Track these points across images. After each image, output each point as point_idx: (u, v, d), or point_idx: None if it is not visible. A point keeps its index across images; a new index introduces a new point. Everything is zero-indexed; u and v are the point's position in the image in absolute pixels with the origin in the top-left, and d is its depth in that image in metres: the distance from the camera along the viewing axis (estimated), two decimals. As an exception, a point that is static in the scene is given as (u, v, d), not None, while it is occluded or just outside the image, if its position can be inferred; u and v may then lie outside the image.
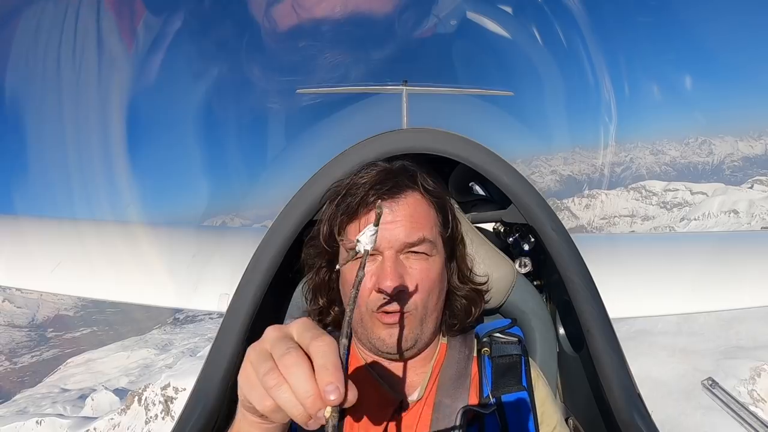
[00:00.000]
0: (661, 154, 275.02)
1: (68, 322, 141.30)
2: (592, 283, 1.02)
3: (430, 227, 0.90)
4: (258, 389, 0.52)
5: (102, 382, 65.16)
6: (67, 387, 64.59)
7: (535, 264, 1.24)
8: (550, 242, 1.06)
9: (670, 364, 6.86)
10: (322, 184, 1.07)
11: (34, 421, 46.01)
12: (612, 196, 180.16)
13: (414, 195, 0.90)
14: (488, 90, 8.35)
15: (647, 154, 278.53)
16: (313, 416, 0.49)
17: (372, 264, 0.86)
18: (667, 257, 3.26)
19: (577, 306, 1.00)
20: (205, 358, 1.03)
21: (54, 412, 47.49)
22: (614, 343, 0.98)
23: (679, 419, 5.30)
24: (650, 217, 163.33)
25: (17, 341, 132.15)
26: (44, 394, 60.65)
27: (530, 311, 1.15)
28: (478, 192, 1.43)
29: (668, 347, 7.16)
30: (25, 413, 50.70)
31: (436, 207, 0.93)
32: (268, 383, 0.50)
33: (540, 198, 1.09)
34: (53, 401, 52.49)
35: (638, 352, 6.93)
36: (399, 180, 0.90)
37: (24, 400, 60.00)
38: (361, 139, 1.12)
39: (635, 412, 0.91)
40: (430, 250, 0.88)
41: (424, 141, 1.09)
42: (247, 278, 1.06)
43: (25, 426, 46.50)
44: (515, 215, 1.12)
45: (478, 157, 1.09)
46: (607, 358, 0.95)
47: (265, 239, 1.09)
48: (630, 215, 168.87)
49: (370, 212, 0.87)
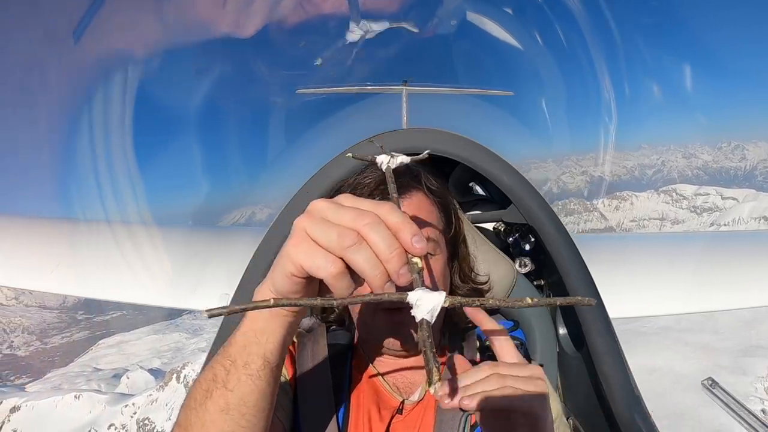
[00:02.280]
0: (694, 158, 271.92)
1: (98, 305, 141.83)
2: (592, 283, 1.02)
3: (434, 226, 0.90)
4: (323, 254, 0.50)
5: (135, 363, 65.56)
6: (99, 366, 64.87)
7: (535, 264, 1.24)
8: (550, 242, 1.06)
9: (693, 359, 6.96)
10: (322, 184, 1.07)
11: (72, 396, 46.97)
12: (642, 198, 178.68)
13: (418, 195, 0.90)
14: (488, 90, 8.35)
15: (679, 158, 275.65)
16: (395, 273, 0.48)
17: None
18: (668, 257, 3.26)
19: (577, 306, 1.00)
20: (205, 358, 1.03)
21: (89, 388, 48.04)
22: (614, 343, 0.98)
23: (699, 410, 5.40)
24: (680, 220, 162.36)
25: (48, 322, 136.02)
26: (77, 372, 61.25)
27: (530, 311, 1.15)
28: (478, 192, 1.43)
29: (691, 343, 7.26)
30: (60, 389, 51.49)
31: (439, 206, 0.94)
32: (344, 243, 0.48)
33: (540, 198, 1.09)
34: (87, 379, 53.03)
35: (662, 347, 7.02)
36: (403, 180, 0.90)
37: (57, 378, 60.71)
38: (361, 139, 1.12)
39: (635, 412, 0.91)
40: (433, 249, 0.88)
41: (424, 141, 1.10)
42: (248, 278, 1.06)
43: (64, 400, 47.58)
44: (515, 215, 1.12)
45: (478, 157, 1.09)
46: (607, 358, 0.95)
47: (265, 239, 1.09)
48: (660, 218, 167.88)
49: None
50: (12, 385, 72.25)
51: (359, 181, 0.91)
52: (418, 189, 0.91)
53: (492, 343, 0.66)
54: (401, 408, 0.87)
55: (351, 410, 0.86)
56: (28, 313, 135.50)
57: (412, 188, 0.90)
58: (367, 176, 0.91)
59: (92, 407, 42.98)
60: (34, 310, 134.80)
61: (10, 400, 53.05)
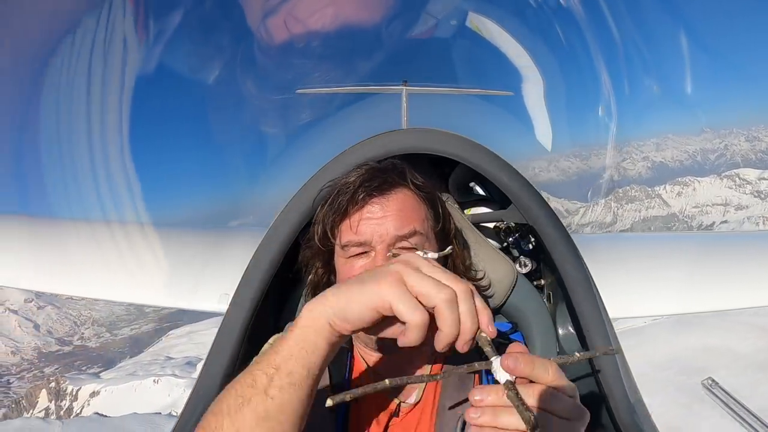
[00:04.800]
0: (757, 141, 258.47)
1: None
2: (592, 283, 1.02)
3: (421, 221, 0.90)
4: (415, 303, 0.55)
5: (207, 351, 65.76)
6: (171, 355, 65.31)
7: (535, 264, 1.24)
8: (550, 242, 1.06)
9: (750, 339, 6.98)
10: (321, 185, 1.07)
11: (151, 380, 47.79)
12: (705, 183, 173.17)
13: (403, 190, 0.91)
14: (488, 90, 8.34)
15: (742, 141, 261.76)
16: (465, 339, 0.56)
17: (365, 260, 0.88)
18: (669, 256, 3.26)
19: (577, 306, 1.00)
20: (205, 358, 1.03)
21: (165, 374, 48.60)
22: (614, 343, 0.98)
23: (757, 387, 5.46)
24: (744, 206, 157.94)
25: (116, 315, 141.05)
26: (150, 361, 61.93)
27: (530, 311, 1.15)
28: (478, 192, 1.43)
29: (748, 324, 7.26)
30: (136, 376, 52.38)
31: (426, 201, 0.94)
32: (441, 295, 0.55)
33: (540, 198, 1.09)
34: (161, 366, 53.40)
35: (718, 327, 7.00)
36: (387, 176, 0.91)
37: (130, 366, 61.44)
38: (361, 139, 1.12)
39: (635, 412, 0.91)
40: (422, 243, 0.89)
41: (424, 141, 1.09)
42: (247, 278, 1.06)
43: (142, 384, 48.41)
44: (515, 215, 1.12)
45: (478, 157, 1.09)
46: (608, 359, 0.95)
47: (264, 240, 1.09)
48: (723, 204, 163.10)
49: (361, 209, 0.88)
50: (87, 373, 74.28)
51: (345, 182, 0.93)
52: (403, 185, 0.92)
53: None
54: (398, 410, 0.87)
55: (350, 411, 0.86)
56: (96, 306, 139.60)
57: (397, 184, 0.91)
58: (352, 176, 0.93)
59: (170, 391, 43.45)
60: (103, 303, 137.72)
61: (88, 386, 55.34)
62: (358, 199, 0.88)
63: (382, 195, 0.89)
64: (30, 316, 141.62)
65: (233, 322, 1.03)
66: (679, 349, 7.71)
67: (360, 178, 0.90)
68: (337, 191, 0.92)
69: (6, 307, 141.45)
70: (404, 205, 0.89)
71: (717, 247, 3.41)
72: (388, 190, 0.90)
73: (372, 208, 0.88)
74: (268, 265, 1.06)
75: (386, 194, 0.89)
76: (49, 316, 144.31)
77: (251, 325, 1.04)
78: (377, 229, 0.86)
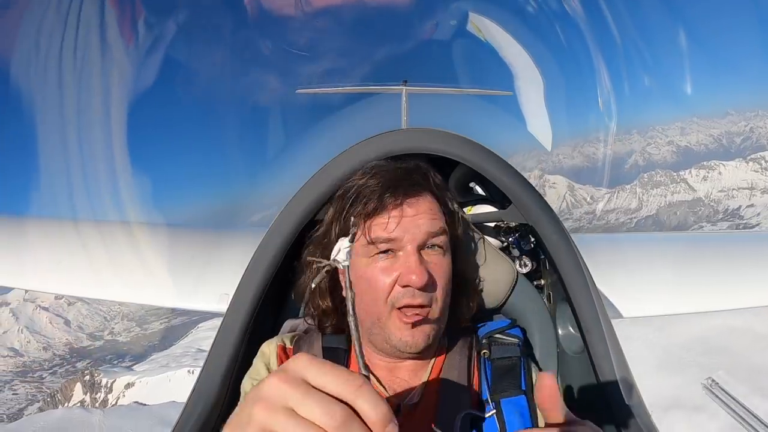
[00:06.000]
0: None
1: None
2: (592, 283, 1.02)
3: (444, 221, 0.93)
4: None
5: None
6: (202, 348, 65.62)
7: (535, 264, 1.24)
8: (550, 242, 1.06)
9: None
10: (321, 184, 1.07)
11: (185, 370, 47.94)
12: (730, 167, 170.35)
13: (427, 197, 0.94)
14: (488, 90, 8.33)
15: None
16: None
17: (390, 260, 0.88)
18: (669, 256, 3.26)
19: (577, 306, 1.00)
20: (205, 358, 1.03)
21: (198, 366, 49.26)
22: (614, 343, 0.98)
23: None
24: None
25: (146, 309, 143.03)
26: (181, 353, 62.42)
27: (530, 311, 1.15)
28: (478, 192, 1.43)
29: None
30: (169, 367, 52.89)
31: (445, 205, 0.97)
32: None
33: (540, 198, 1.09)
34: (193, 358, 53.68)
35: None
36: (414, 177, 0.94)
37: (162, 359, 61.98)
38: (361, 139, 1.12)
39: (635, 412, 0.90)
40: (445, 244, 0.91)
41: (424, 141, 1.09)
42: (247, 278, 1.06)
43: (176, 375, 48.90)
44: (515, 215, 1.12)
45: (478, 157, 1.09)
46: (607, 358, 0.95)
47: (264, 239, 1.09)
48: (749, 188, 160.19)
49: (395, 208, 0.89)
50: (120, 366, 75.14)
51: (367, 182, 0.92)
52: (427, 187, 0.94)
53: None
54: (399, 411, 0.87)
55: None
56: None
57: (423, 187, 0.93)
58: (375, 176, 0.93)
59: (205, 381, 44.87)
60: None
61: (122, 378, 56.05)
62: (387, 201, 0.89)
63: (414, 195, 0.91)
64: (60, 313, 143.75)
65: (233, 322, 1.03)
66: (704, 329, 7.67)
67: (387, 178, 0.92)
68: (360, 191, 0.93)
69: (37, 304, 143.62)
70: (432, 205, 0.92)
71: (717, 247, 3.41)
72: (418, 191, 0.92)
73: (406, 208, 0.89)
74: (268, 265, 1.06)
75: (417, 195, 0.92)
76: (80, 312, 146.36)
77: (251, 325, 1.04)
78: (410, 226, 0.88)
